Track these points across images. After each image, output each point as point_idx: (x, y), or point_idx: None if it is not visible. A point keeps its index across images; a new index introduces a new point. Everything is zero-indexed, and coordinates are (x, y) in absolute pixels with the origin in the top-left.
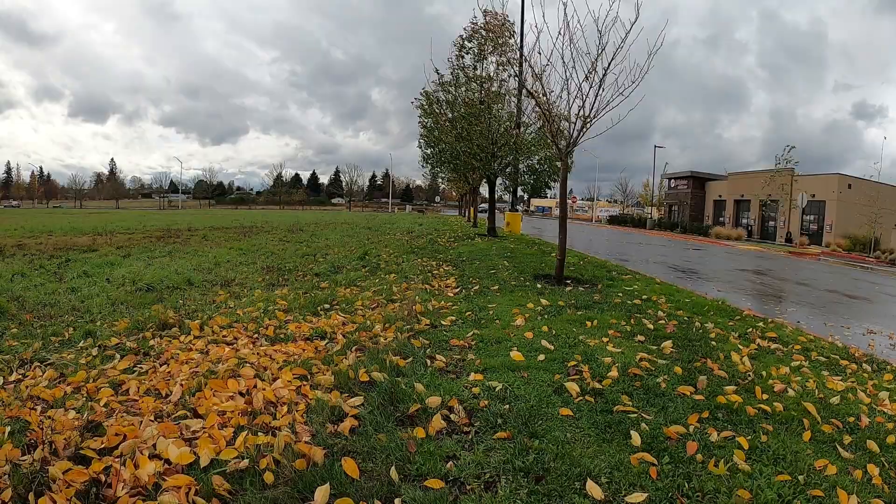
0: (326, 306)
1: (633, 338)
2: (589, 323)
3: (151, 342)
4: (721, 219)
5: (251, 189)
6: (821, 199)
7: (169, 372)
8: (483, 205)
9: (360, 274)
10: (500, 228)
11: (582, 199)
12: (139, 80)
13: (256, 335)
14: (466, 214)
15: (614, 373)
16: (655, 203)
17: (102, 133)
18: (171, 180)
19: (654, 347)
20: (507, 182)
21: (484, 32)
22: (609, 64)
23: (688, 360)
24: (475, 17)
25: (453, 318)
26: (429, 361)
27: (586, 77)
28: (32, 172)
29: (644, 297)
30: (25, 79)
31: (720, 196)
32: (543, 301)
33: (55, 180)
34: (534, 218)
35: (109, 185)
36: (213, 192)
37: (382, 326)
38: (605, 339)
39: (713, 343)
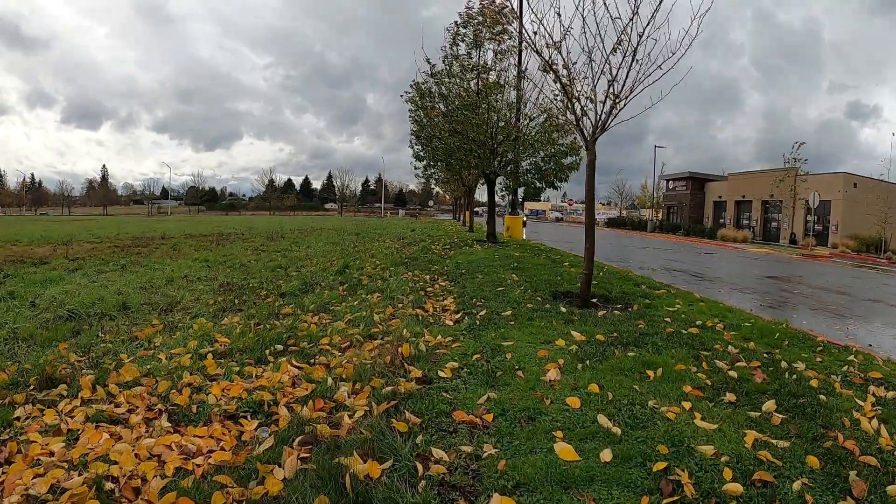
0: (279, 347)
1: (720, 397)
2: (651, 373)
3: (18, 411)
4: (721, 220)
5: (244, 195)
6: (826, 198)
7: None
8: (478, 208)
9: (335, 294)
10: (500, 234)
11: (578, 202)
12: (133, 85)
13: (163, 405)
14: (462, 219)
15: (731, 484)
16: (654, 205)
17: (95, 139)
18: (164, 186)
19: (756, 415)
20: (509, 182)
21: (480, 18)
22: (645, 29)
23: (808, 434)
24: (470, 2)
25: (456, 363)
26: (420, 466)
27: (614, 48)
28: (24, 179)
29: (697, 322)
30: (17, 84)
31: (720, 197)
32: (576, 334)
33: (46, 187)
34: (528, 221)
35: (100, 192)
36: (204, 198)
37: (351, 387)
38: (685, 405)
39: (822, 397)
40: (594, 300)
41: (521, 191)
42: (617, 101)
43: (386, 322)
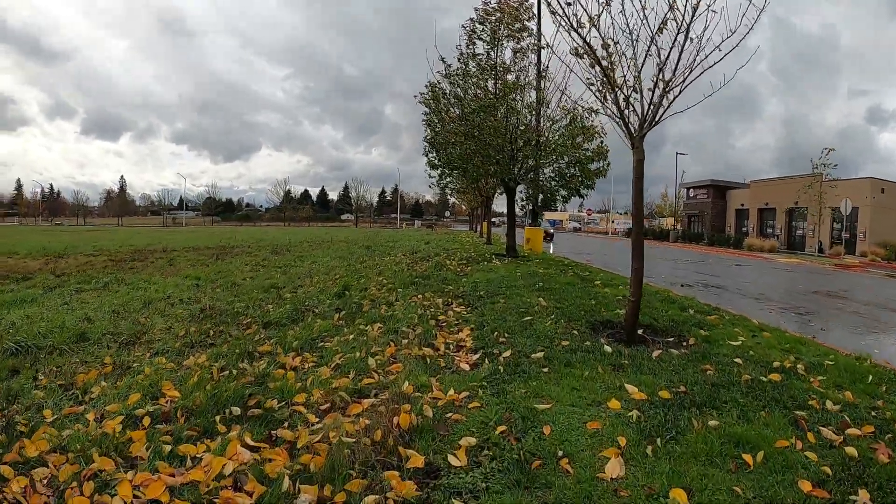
0: (237, 411)
1: (849, 497)
2: (749, 458)
3: None
4: (744, 229)
5: (260, 206)
6: (853, 205)
7: None
8: (495, 218)
9: (328, 324)
10: (520, 246)
11: (596, 212)
12: (151, 98)
13: None
14: (478, 229)
15: None
16: (675, 214)
17: (115, 150)
18: (181, 197)
19: None
20: (530, 190)
21: (498, 14)
22: (699, 2)
23: None
24: None
25: (473, 439)
26: None
27: (661, 26)
28: (42, 189)
29: (772, 362)
30: (38, 95)
31: (742, 205)
32: (631, 388)
33: (64, 197)
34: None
35: (117, 203)
36: (219, 208)
37: (317, 493)
38: None
39: None
40: (640, 331)
41: (555, 198)
42: (667, 88)
43: (384, 368)
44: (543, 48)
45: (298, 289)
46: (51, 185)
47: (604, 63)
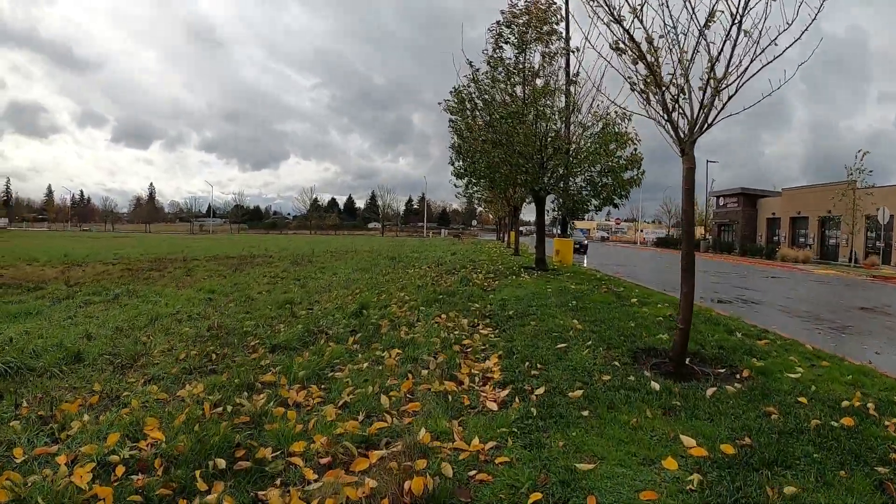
0: (222, 463)
1: None
2: None
3: None
4: (775, 238)
5: (288, 214)
6: (890, 213)
7: None
8: (523, 227)
9: (341, 349)
10: (549, 258)
11: (624, 221)
12: (181, 107)
13: None
14: (505, 239)
15: None
16: (705, 223)
17: (144, 158)
18: (209, 205)
19: None
20: (561, 200)
21: (525, 18)
22: None
23: None
24: (513, 0)
25: None
26: None
27: (709, 19)
28: (72, 195)
29: (839, 399)
30: (69, 104)
31: (773, 214)
32: (688, 441)
33: (93, 203)
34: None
35: (146, 209)
36: (246, 216)
37: None
38: None
39: None
40: (687, 359)
41: (583, 206)
42: (719, 88)
43: (399, 407)
44: (573, 52)
45: (314, 305)
46: (81, 192)
47: (649, 58)
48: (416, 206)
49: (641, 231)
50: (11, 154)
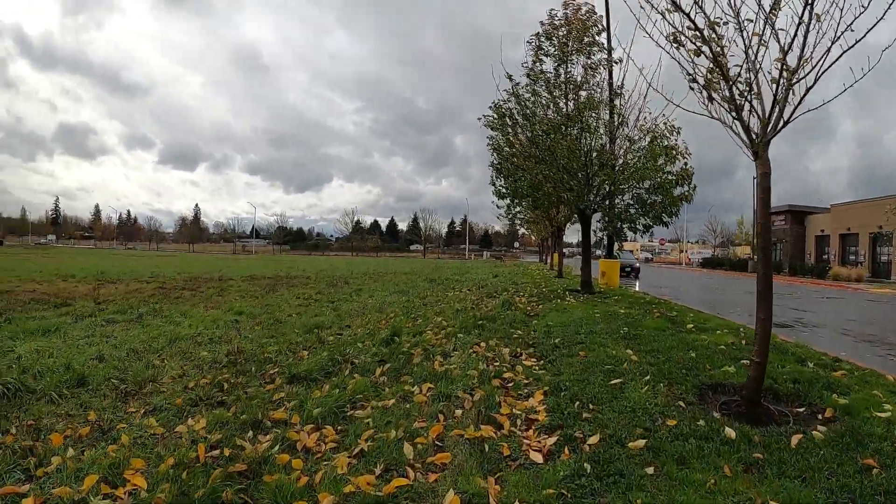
0: None
1: None
2: None
3: None
4: (825, 256)
5: (331, 236)
6: None
7: None
8: (566, 249)
9: (365, 382)
10: (595, 280)
11: (668, 241)
12: (226, 130)
13: None
14: (548, 261)
15: None
16: (753, 242)
17: (191, 180)
18: (253, 226)
19: None
20: (607, 218)
21: (565, 30)
22: None
23: None
24: (553, 11)
25: None
26: None
27: (775, 5)
28: (119, 214)
29: None
30: (118, 127)
31: (822, 231)
32: None
33: (139, 223)
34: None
35: (190, 229)
36: (289, 237)
37: None
38: None
39: None
40: (762, 400)
41: (633, 226)
42: (792, 80)
43: (425, 458)
44: (616, 63)
45: (344, 330)
46: (128, 212)
47: (713, 47)
48: (458, 228)
49: (686, 251)
50: (61, 174)
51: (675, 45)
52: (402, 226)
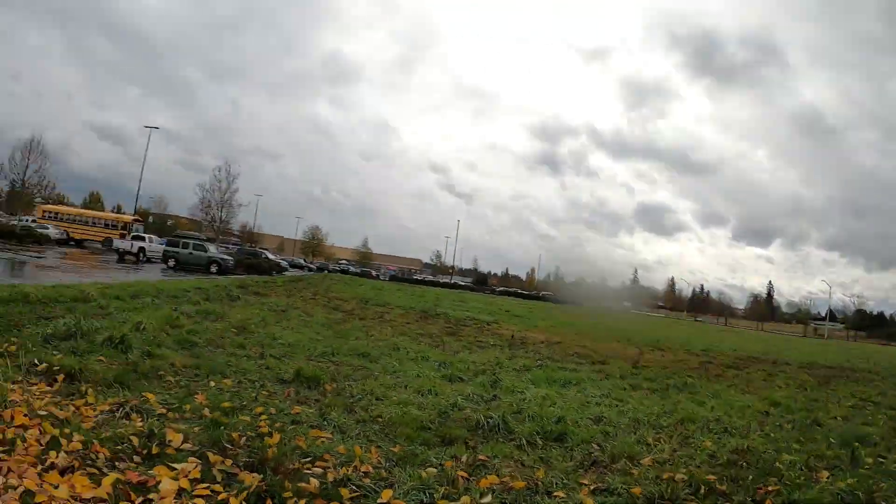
0: None
1: None
2: None
3: None
4: None
5: None
6: None
7: None
8: None
9: None
10: None
11: None
12: (799, 203)
13: None
14: None
15: None
16: None
17: (765, 256)
18: (829, 307)
19: None
20: None
21: None
22: None
23: None
24: None
25: None
26: None
27: None
28: (693, 289)
29: None
30: (690, 205)
31: None
32: None
33: (711, 297)
34: None
35: (762, 306)
36: (867, 322)
37: None
38: None
39: None
40: None
41: None
42: None
43: None
44: None
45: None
46: (701, 286)
47: None
48: None
49: None
50: (640, 248)
51: None
52: None
